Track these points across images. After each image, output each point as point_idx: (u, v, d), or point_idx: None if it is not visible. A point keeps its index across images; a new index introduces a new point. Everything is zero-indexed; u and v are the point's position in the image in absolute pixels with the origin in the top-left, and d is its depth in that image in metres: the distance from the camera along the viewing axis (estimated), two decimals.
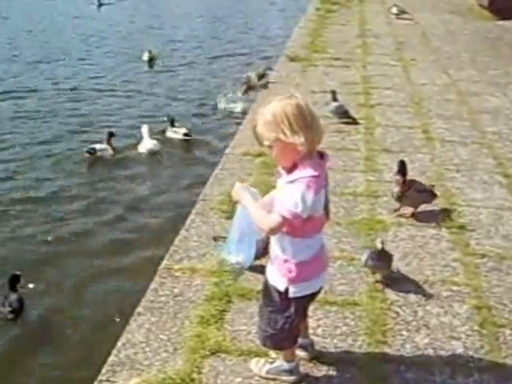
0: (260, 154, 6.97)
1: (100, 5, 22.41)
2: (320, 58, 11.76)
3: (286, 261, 3.31)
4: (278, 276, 3.37)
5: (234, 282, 4.68)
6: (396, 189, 5.67)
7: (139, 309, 4.47)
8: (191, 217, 5.81)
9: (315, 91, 9.52)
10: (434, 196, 5.85)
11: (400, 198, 5.68)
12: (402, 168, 5.68)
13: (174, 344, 4.09)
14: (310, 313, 3.87)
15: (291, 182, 3.13)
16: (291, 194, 3.09)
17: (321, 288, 3.54)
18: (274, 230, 3.18)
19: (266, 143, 3.20)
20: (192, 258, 5.08)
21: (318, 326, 4.22)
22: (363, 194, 6.21)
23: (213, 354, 3.99)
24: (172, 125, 10.31)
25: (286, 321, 3.45)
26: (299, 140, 3.08)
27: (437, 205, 6.00)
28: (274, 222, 3.12)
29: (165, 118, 10.65)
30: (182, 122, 10.55)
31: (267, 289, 3.49)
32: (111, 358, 3.99)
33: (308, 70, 10.89)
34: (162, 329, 4.24)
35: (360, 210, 5.91)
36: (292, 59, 11.72)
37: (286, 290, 3.35)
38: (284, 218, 3.09)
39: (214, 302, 4.49)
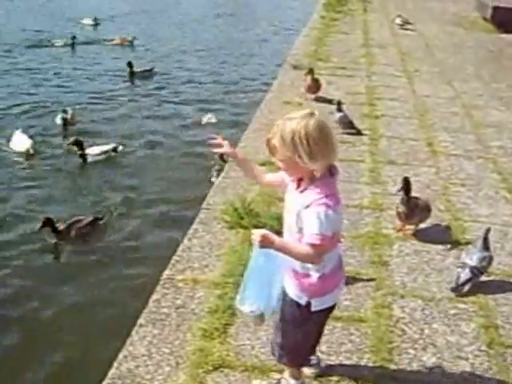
0: (264, 163, 6.87)
1: (96, 24, 21.31)
2: (324, 67, 11.70)
3: (307, 275, 3.25)
4: (299, 291, 3.31)
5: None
6: (402, 208, 5.56)
7: (141, 320, 4.40)
8: (194, 226, 5.73)
9: (319, 100, 9.48)
10: (430, 211, 5.76)
11: (408, 218, 5.59)
12: (406, 185, 5.53)
13: (177, 358, 4.01)
14: None
15: (308, 206, 3.03)
16: (313, 218, 3.00)
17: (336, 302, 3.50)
18: (315, 260, 3.11)
19: (279, 158, 3.13)
20: (195, 269, 5.01)
21: (324, 343, 4.13)
22: (369, 207, 6.15)
23: (216, 368, 3.92)
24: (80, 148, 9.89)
25: (304, 335, 3.41)
26: (315, 166, 3.02)
27: (442, 220, 5.95)
28: (311, 255, 3.05)
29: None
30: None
31: (286, 304, 3.41)
32: (112, 371, 3.91)
33: None
34: (164, 341, 4.16)
35: (365, 223, 5.84)
36: (295, 67, 11.66)
37: (308, 304, 3.30)
38: (317, 246, 3.01)
39: (218, 315, 4.41)
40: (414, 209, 5.51)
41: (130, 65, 14.48)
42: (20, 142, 10.10)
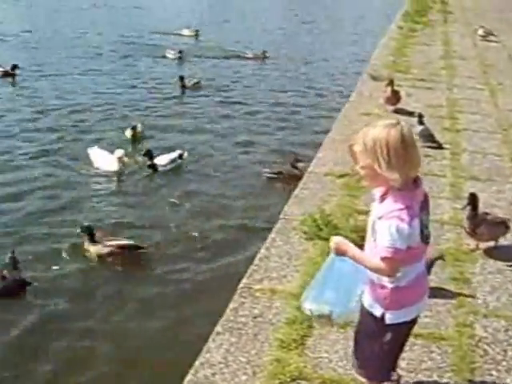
0: (343, 175, 6.85)
1: (196, 35, 21.77)
2: (403, 79, 11.54)
3: (382, 287, 3.22)
4: (374, 302, 3.28)
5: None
6: (466, 224, 5.45)
7: (218, 328, 4.41)
8: (271, 236, 5.73)
9: (399, 112, 9.35)
10: (508, 228, 5.59)
11: (472, 234, 5.47)
12: (473, 201, 5.43)
13: (254, 367, 4.00)
14: None
15: (381, 217, 3.03)
16: (385, 231, 2.99)
17: (416, 317, 3.40)
18: (388, 273, 3.10)
19: (360, 165, 3.11)
20: (272, 279, 4.99)
21: (403, 359, 4.05)
22: (450, 223, 6.02)
23: (293, 380, 3.89)
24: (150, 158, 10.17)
25: (381, 348, 3.35)
26: (393, 176, 2.99)
27: None
28: (383, 268, 3.06)
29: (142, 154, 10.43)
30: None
31: (363, 314, 3.39)
32: (188, 378, 3.93)
33: None
34: (241, 350, 4.16)
35: (446, 238, 5.72)
36: (374, 78, 11.56)
37: (382, 316, 3.25)
38: (388, 259, 3.01)
39: (295, 326, 4.38)
40: (478, 225, 5.38)
41: (181, 79, 14.84)
42: (107, 159, 10.24)
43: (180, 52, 18.17)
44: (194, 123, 12.66)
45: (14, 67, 15.39)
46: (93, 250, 7.49)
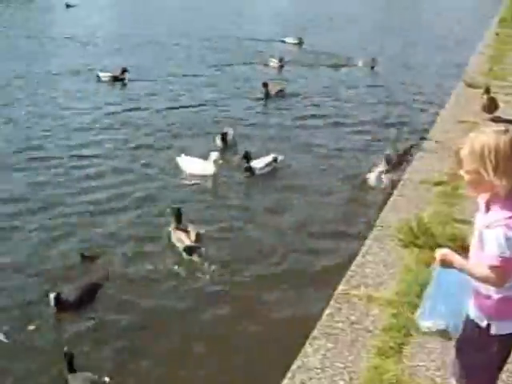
0: (439, 183, 6.78)
1: (300, 43, 21.51)
2: (500, 86, 11.30)
3: (488, 297, 3.16)
4: (479, 312, 3.22)
5: None
6: None
7: (315, 333, 4.45)
8: (368, 242, 5.73)
9: (496, 121, 9.16)
10: None
11: None
12: None
13: (350, 373, 4.02)
14: None
15: (488, 226, 2.98)
16: (493, 240, 2.95)
17: None
18: (497, 282, 3.04)
19: (465, 169, 3.08)
20: (369, 286, 5.00)
21: (503, 372, 3.99)
22: None
23: None
24: (247, 161, 10.08)
25: (485, 359, 3.28)
26: (500, 183, 2.95)
27: None
28: (491, 277, 3.00)
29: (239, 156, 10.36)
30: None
31: (468, 324, 3.33)
32: (285, 381, 3.98)
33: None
34: (337, 356, 4.18)
35: None
36: (470, 85, 11.38)
37: (488, 327, 3.20)
38: (496, 268, 2.96)
39: (392, 334, 4.37)
40: None
41: (265, 85, 14.66)
42: (201, 164, 10.21)
43: (281, 60, 18.08)
44: (277, 131, 12.59)
45: (124, 71, 15.78)
46: (174, 236, 7.69)
